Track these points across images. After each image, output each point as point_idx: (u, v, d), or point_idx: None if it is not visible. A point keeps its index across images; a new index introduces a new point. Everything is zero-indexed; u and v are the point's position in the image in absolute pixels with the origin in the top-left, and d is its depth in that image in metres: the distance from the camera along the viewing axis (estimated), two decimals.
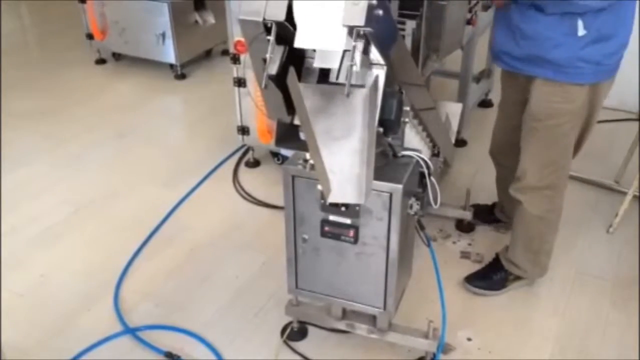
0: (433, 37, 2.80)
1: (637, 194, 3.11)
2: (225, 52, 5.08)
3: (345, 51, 1.45)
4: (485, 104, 4.22)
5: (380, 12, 1.44)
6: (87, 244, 3.01)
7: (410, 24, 2.66)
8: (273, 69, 1.52)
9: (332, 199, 1.53)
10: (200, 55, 5.12)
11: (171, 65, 4.85)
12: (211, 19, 4.87)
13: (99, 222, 3.17)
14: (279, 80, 1.55)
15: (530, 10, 2.15)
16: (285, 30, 1.50)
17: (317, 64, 1.55)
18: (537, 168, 2.39)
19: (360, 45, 1.46)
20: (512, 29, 2.24)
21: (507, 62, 2.36)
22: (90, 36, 5.02)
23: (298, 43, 1.48)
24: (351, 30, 1.40)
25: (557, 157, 2.38)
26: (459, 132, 3.61)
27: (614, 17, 2.11)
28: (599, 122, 2.45)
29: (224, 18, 3.27)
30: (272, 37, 1.49)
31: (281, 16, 1.46)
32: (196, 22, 4.81)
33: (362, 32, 1.41)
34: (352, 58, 1.43)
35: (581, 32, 2.10)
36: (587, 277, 2.78)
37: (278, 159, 3.55)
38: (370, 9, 1.39)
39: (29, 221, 3.16)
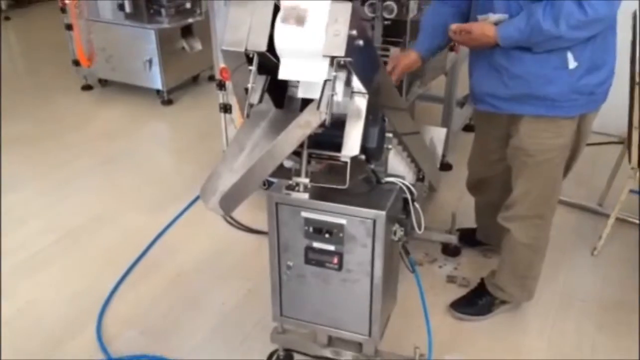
0: None
1: (620, 216, 3.14)
2: (211, 78, 5.11)
3: (326, 81, 1.47)
4: (469, 128, 4.24)
5: (361, 42, 1.47)
6: (73, 271, 2.98)
7: (395, 51, 2.70)
8: (255, 99, 1.53)
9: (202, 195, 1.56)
10: (187, 81, 5.14)
11: (158, 91, 4.87)
12: (198, 46, 4.91)
13: (85, 249, 3.15)
14: None
15: (515, 51, 2.07)
16: (267, 60, 1.52)
17: (301, 94, 1.57)
18: (527, 200, 2.37)
19: (341, 75, 1.48)
20: (497, 70, 2.15)
21: (492, 104, 2.26)
22: (76, 63, 5.04)
23: (282, 75, 1.51)
24: (332, 60, 1.43)
25: (547, 189, 2.36)
26: (444, 156, 3.64)
27: (602, 46, 2.08)
28: None
29: (210, 44, 3.30)
30: (253, 68, 1.51)
31: (263, 47, 1.48)
32: (183, 48, 4.85)
33: (342, 62, 1.43)
34: (333, 88, 1.45)
35: (572, 64, 2.05)
36: (573, 300, 2.79)
37: (264, 185, 3.55)
38: (351, 39, 1.42)
39: (14, 247, 3.12)
